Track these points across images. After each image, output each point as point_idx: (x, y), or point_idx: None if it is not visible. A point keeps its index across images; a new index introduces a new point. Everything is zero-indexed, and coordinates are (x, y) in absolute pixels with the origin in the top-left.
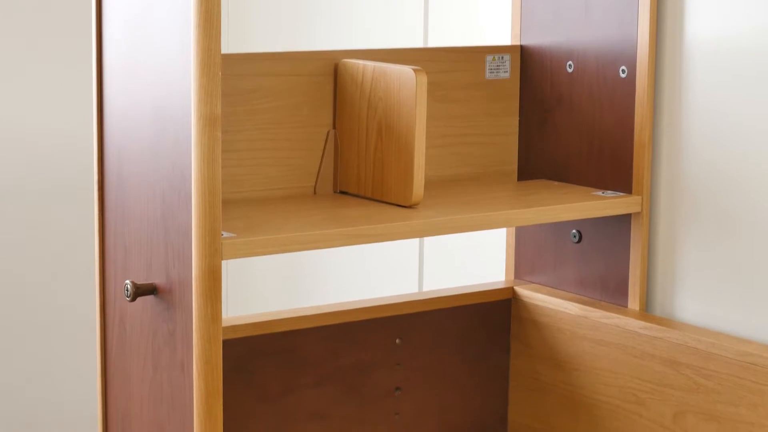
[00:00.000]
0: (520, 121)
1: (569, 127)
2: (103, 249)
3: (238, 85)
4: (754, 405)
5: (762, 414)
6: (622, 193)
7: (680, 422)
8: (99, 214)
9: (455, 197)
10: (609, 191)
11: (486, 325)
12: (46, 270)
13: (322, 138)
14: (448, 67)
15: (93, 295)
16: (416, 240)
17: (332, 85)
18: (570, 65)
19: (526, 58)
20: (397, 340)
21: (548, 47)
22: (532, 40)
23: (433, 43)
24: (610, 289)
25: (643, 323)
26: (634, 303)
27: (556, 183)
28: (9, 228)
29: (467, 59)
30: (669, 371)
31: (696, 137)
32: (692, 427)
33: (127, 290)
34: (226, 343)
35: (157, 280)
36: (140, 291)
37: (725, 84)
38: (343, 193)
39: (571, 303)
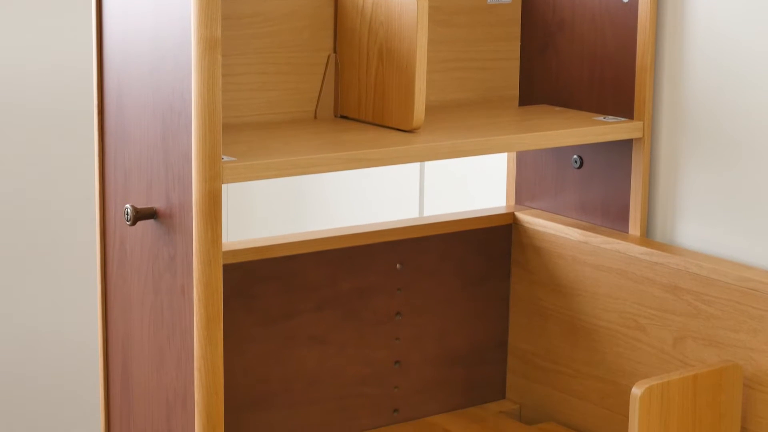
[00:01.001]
0: (521, 47)
1: (571, 53)
2: (103, 173)
3: (239, 9)
4: (755, 330)
5: (762, 339)
6: (623, 119)
7: (680, 347)
8: (99, 138)
9: (456, 122)
10: (610, 116)
11: (486, 250)
12: (46, 194)
13: (323, 62)
14: None
15: (93, 219)
16: (417, 165)
17: (333, 8)
18: None
19: None
20: (398, 266)
21: None
22: None
23: None
24: (611, 214)
25: (643, 249)
26: (634, 229)
27: (557, 108)
28: (9, 152)
29: None
30: (669, 297)
31: (698, 62)
32: (692, 353)
33: (127, 214)
34: (226, 267)
35: (157, 204)
36: (140, 215)
37: (728, 8)
38: (343, 117)
39: (571, 228)
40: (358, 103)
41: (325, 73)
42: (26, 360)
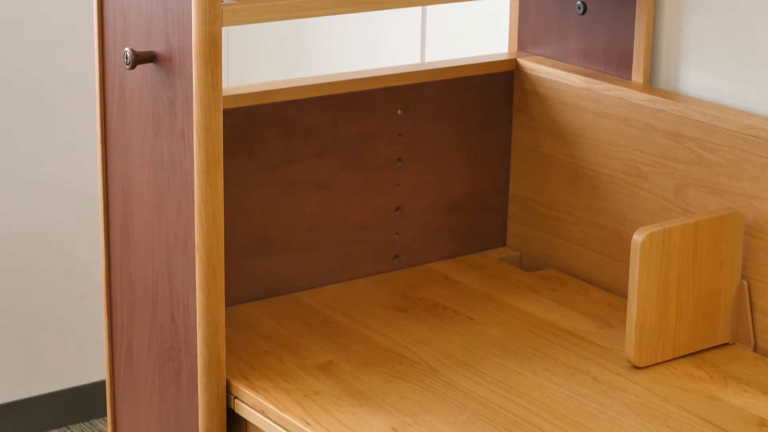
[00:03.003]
0: None
1: None
2: (102, 17)
3: None
4: (756, 178)
5: (764, 187)
6: None
7: (682, 195)
8: None
9: None
10: None
11: (488, 96)
12: (46, 40)
13: None
14: None
15: (92, 63)
16: (419, 11)
17: None
18: None
19: None
20: (399, 111)
21: None
22: None
23: None
24: (614, 61)
25: (646, 96)
26: (638, 76)
27: None
28: (4, 3)
29: None
30: (672, 144)
31: None
32: (693, 200)
33: (127, 58)
34: (227, 112)
35: (157, 47)
36: (140, 59)
37: None
38: None
39: (574, 75)
40: None
41: None
42: (26, 211)
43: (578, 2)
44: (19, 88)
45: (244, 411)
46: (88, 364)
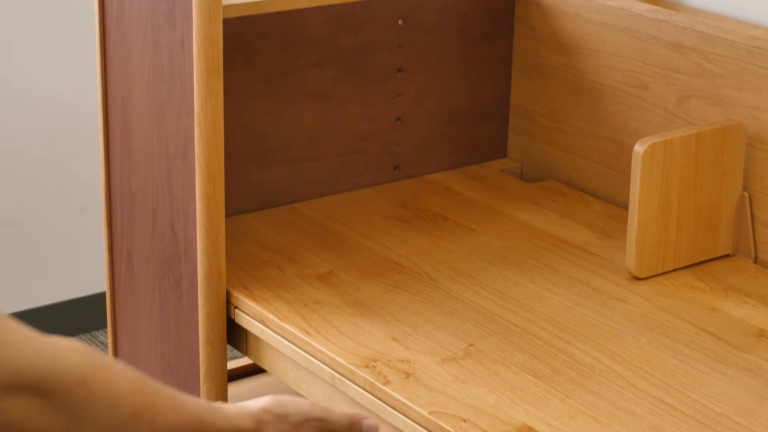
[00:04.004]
0: None
1: None
2: None
3: None
4: (759, 89)
5: (766, 98)
6: None
7: (683, 106)
8: None
9: None
10: None
11: (489, 7)
12: None
13: None
14: None
15: None
16: None
17: None
18: None
19: None
20: (400, 21)
21: None
22: None
23: None
24: None
25: (649, 6)
26: None
27: None
28: None
29: None
30: (674, 55)
31: None
32: (695, 111)
33: None
34: (227, 21)
35: None
36: None
37: None
38: None
39: None
40: None
41: None
42: (26, 125)
43: None
44: (17, 3)
45: (244, 321)
46: (88, 276)
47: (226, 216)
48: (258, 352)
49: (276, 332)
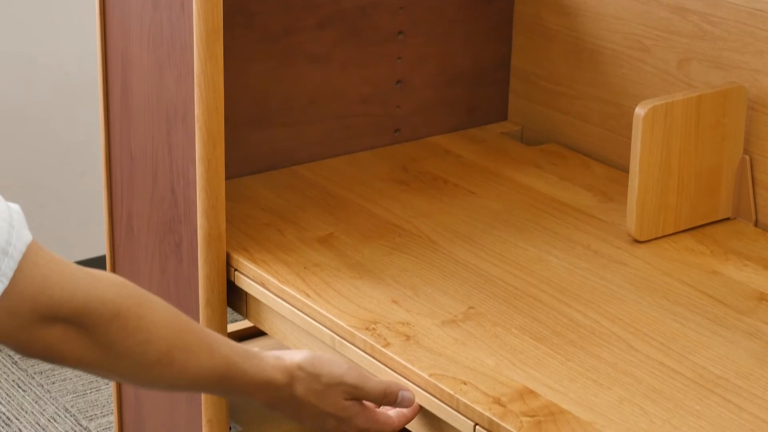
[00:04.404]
0: None
1: None
2: None
3: None
4: (760, 52)
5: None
6: None
7: (685, 69)
8: None
9: None
10: None
11: None
12: None
13: None
14: None
15: None
16: None
17: None
18: None
19: None
20: None
21: None
22: None
23: None
24: None
25: None
26: None
27: None
28: None
29: None
30: (675, 17)
31: None
32: (696, 74)
33: None
34: None
35: None
36: None
37: None
38: None
39: None
40: None
41: None
42: (26, 88)
43: None
44: None
45: (244, 283)
46: (88, 240)
47: (226, 179)
48: (258, 315)
49: (276, 295)
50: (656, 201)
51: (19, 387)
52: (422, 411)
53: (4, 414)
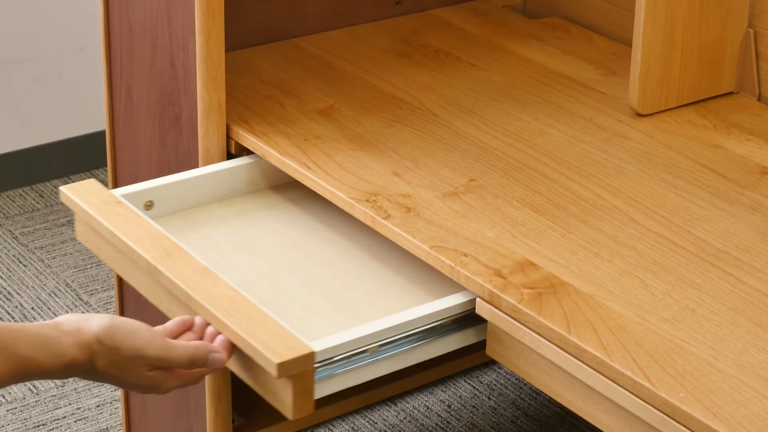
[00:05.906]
0: None
1: None
2: None
3: None
4: None
5: None
6: None
7: None
8: None
9: None
10: None
11: None
12: None
13: None
14: None
15: None
16: None
17: None
18: None
19: None
20: None
21: None
22: None
23: None
24: None
25: None
26: None
27: None
28: None
29: None
30: None
31: None
32: None
33: None
34: None
35: None
36: None
37: None
38: None
39: None
40: None
41: None
42: (26, 44)
43: None
44: None
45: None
46: (88, 114)
47: (226, 51)
48: None
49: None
50: (659, 74)
51: (19, 262)
52: None
53: (5, 289)
